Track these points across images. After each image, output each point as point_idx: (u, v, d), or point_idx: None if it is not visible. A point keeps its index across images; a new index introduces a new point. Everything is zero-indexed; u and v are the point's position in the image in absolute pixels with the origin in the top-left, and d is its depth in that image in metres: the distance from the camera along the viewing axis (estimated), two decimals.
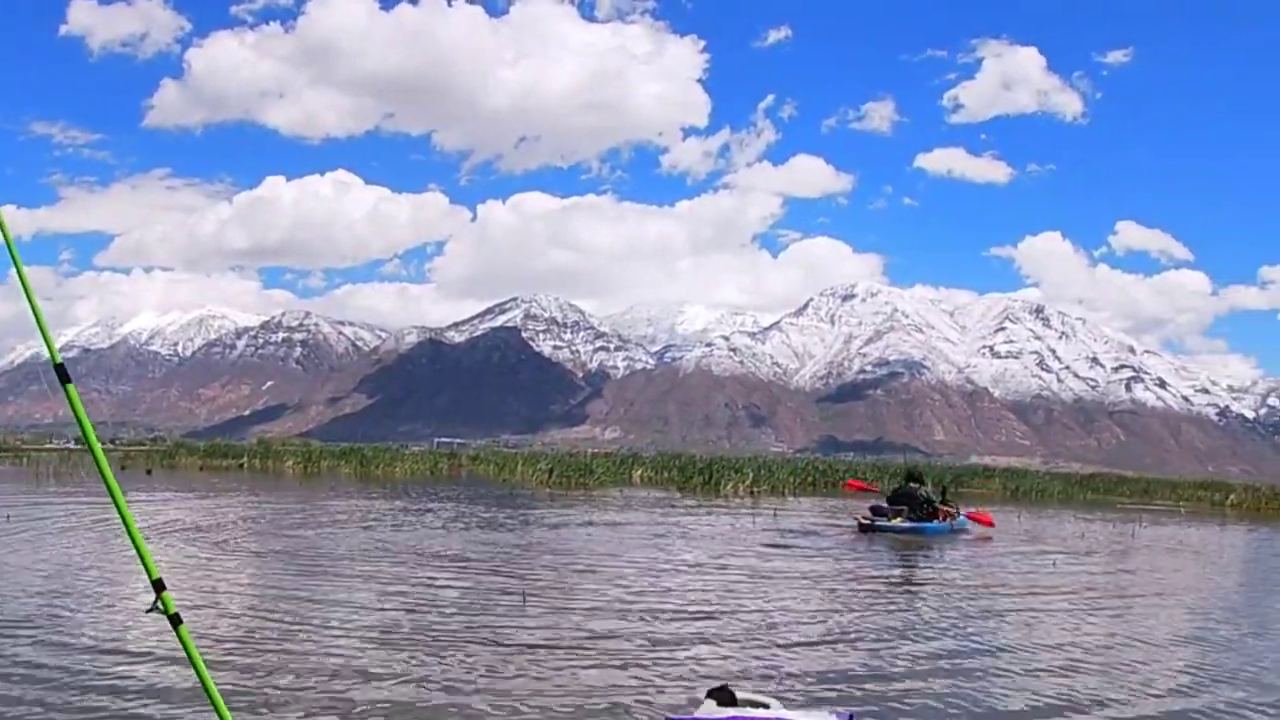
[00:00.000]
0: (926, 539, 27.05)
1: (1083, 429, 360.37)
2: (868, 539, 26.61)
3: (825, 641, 12.18)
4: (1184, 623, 15.80)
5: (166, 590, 5.15)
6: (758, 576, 17.61)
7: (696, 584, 16.41)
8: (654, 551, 20.63)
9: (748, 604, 14.68)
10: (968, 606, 15.44)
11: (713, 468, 50.83)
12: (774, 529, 27.46)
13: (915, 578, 19.77)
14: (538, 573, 16.91)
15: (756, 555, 20.85)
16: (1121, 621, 15.32)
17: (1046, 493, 59.25)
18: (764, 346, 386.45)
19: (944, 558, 23.36)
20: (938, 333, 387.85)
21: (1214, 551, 30.63)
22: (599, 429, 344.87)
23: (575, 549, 20.60)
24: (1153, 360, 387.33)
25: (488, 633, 11.73)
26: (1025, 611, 15.25)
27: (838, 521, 31.13)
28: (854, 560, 21.15)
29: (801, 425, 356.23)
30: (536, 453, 78.21)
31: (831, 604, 15.21)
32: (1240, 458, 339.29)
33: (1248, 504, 57.34)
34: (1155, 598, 18.55)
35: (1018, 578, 19.40)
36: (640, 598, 14.66)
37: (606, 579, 16.36)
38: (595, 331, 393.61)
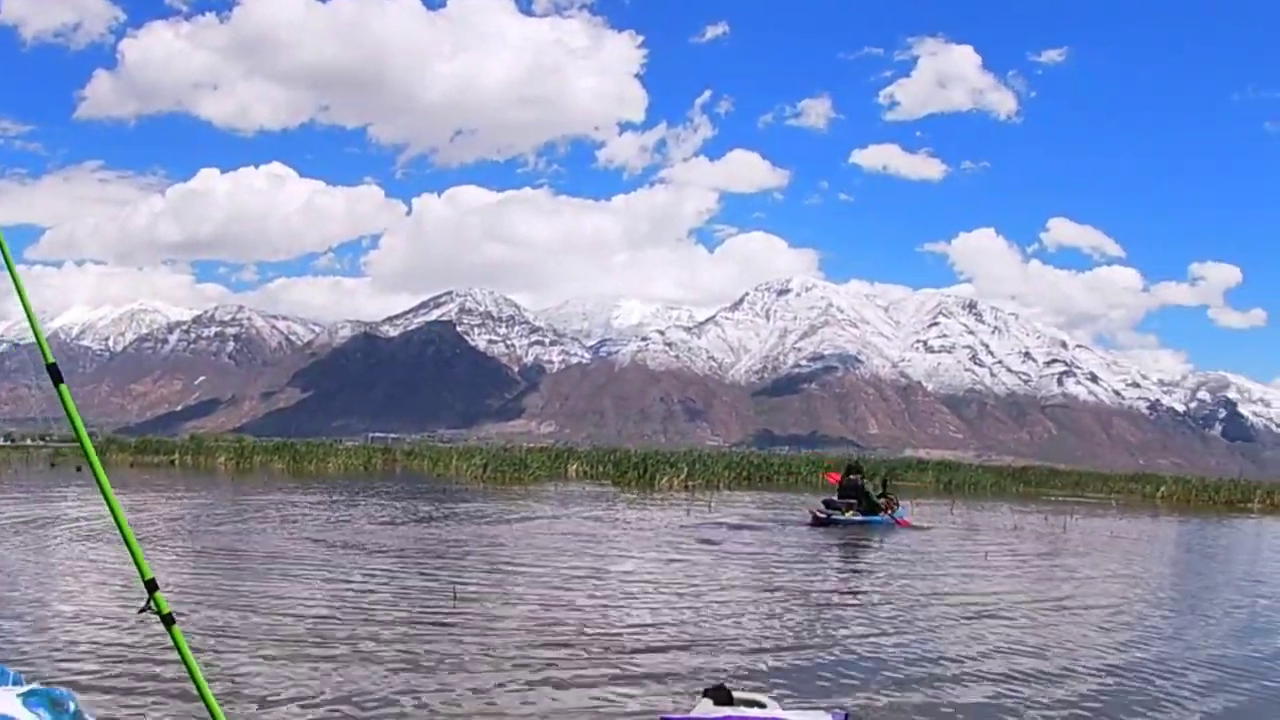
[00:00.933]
0: (874, 530, 27.81)
1: (1015, 422, 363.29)
2: (822, 531, 27.49)
3: (774, 635, 12.24)
4: (1116, 608, 16.06)
5: (159, 590, 5.14)
6: (696, 571, 17.65)
7: (634, 581, 16.38)
8: (589, 547, 20.60)
9: (684, 599, 14.68)
10: (922, 599, 15.57)
11: (647, 462, 50.89)
12: (711, 523, 27.54)
13: (868, 569, 19.94)
14: (470, 570, 16.84)
15: (695, 550, 20.88)
16: (1056, 605, 15.61)
17: (980, 486, 59.71)
18: (700, 341, 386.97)
19: (891, 549, 23.77)
20: (872, 327, 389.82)
21: (1145, 541, 31.09)
22: (534, 423, 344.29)
23: (509, 545, 20.53)
24: (1084, 355, 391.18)
25: (416, 635, 11.67)
26: (974, 599, 15.45)
27: (780, 516, 31.45)
28: (798, 552, 21.28)
29: (737, 419, 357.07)
30: (471, 448, 77.87)
31: (775, 598, 15.25)
32: (1171, 451, 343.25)
33: (1178, 496, 58.17)
34: (1088, 585, 18.85)
35: (958, 568, 19.64)
36: (576, 596, 14.62)
37: (539, 576, 16.31)
38: (530, 326, 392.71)
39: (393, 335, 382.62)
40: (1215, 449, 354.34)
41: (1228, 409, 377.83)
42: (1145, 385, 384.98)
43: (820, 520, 28.59)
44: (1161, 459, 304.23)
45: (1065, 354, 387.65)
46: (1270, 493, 60.26)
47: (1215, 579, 21.60)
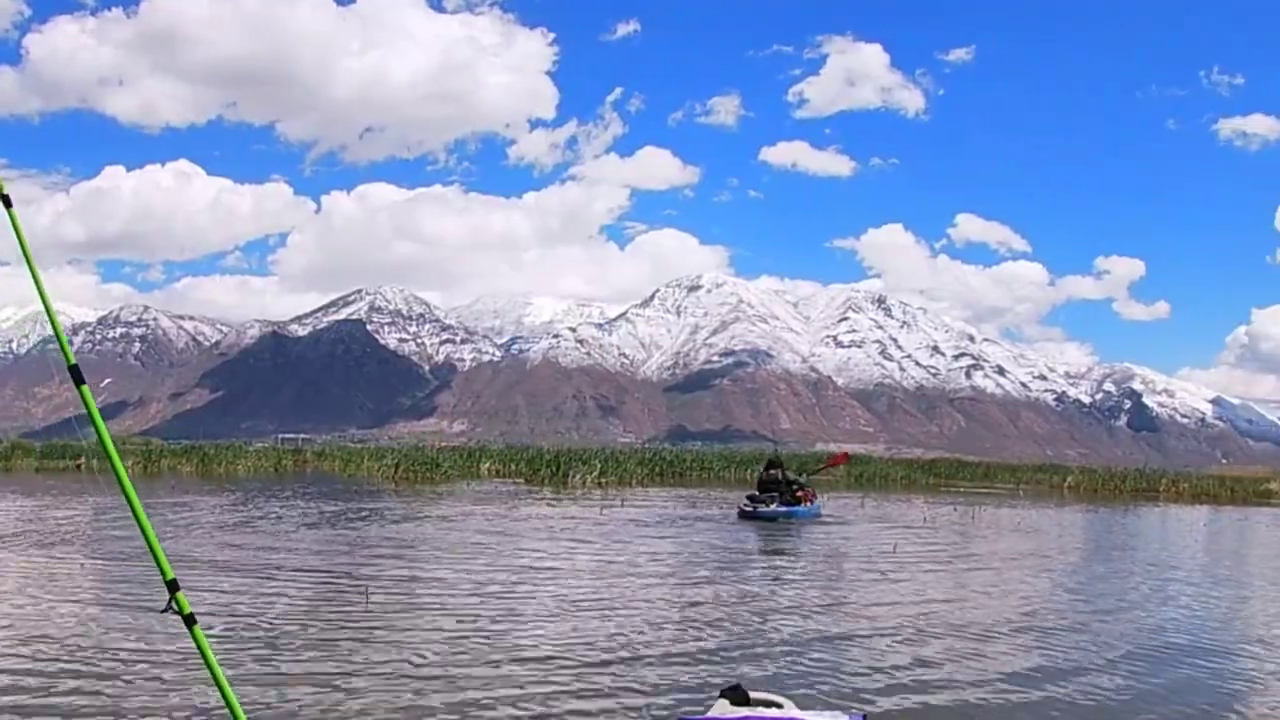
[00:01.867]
0: (797, 521, 28.69)
1: (925, 416, 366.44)
2: (749, 524, 28.24)
3: (696, 626, 12.28)
4: (1025, 589, 16.37)
5: (181, 591, 5.09)
6: (617, 571, 17.64)
7: (548, 580, 16.37)
8: (503, 546, 20.54)
9: (604, 601, 14.65)
10: (835, 591, 15.68)
11: (560, 460, 50.82)
12: (625, 520, 27.56)
13: (792, 561, 20.05)
14: (383, 572, 16.71)
15: (614, 547, 20.87)
16: (964, 591, 15.86)
17: (890, 478, 60.30)
18: (611, 338, 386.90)
19: (814, 540, 24.34)
20: (782, 323, 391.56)
21: (1052, 529, 31.64)
22: (446, 422, 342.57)
23: (421, 546, 20.40)
24: (992, 348, 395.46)
25: (327, 641, 11.56)
26: (884, 593, 15.56)
27: (700, 511, 31.58)
28: (720, 545, 21.33)
29: (649, 415, 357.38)
30: (383, 448, 77.32)
31: (701, 594, 15.28)
32: (1077, 441, 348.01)
33: (1084, 485, 59.07)
34: (997, 571, 19.22)
35: (867, 561, 19.79)
36: (490, 599, 14.55)
37: (453, 579, 16.21)
38: (441, 324, 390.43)
39: (301, 335, 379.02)
40: (1121, 439, 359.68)
41: (1133, 400, 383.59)
42: (1052, 378, 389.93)
43: (746, 514, 29.23)
44: (1068, 450, 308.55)
45: (973, 347, 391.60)
46: (1175, 481, 61.52)
47: (1125, 564, 21.91)
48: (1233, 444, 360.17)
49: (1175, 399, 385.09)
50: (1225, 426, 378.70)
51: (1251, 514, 45.70)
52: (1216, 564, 24.33)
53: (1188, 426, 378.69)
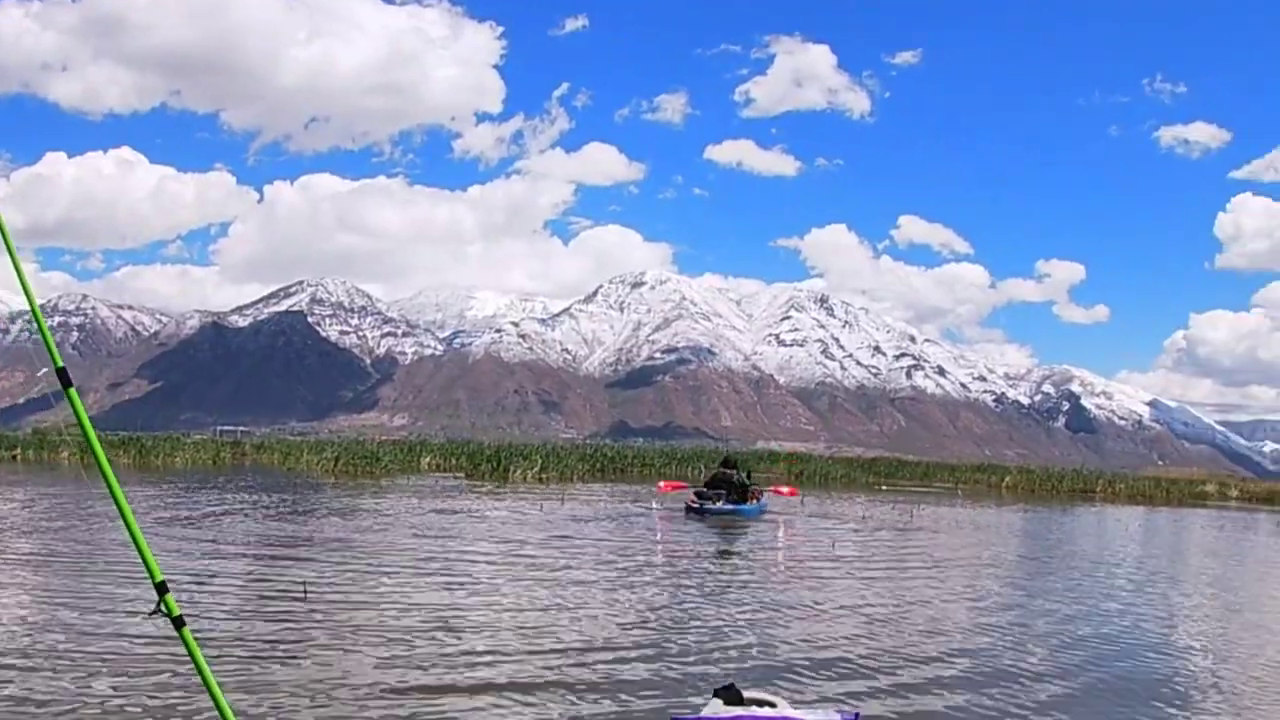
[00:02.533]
0: (743, 519, 29.07)
1: (865, 415, 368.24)
2: (696, 520, 28.68)
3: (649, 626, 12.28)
4: (965, 586, 16.56)
5: (169, 593, 5.05)
6: (555, 567, 17.62)
7: (487, 577, 16.32)
8: (443, 541, 20.46)
9: (547, 595, 14.65)
10: (772, 585, 15.74)
11: (501, 455, 50.61)
12: (567, 516, 27.54)
13: (737, 558, 20.08)
14: (321, 567, 16.62)
15: (555, 545, 20.84)
16: (898, 588, 16.00)
17: (830, 476, 60.47)
18: (554, 333, 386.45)
19: (760, 537, 24.91)
20: (725, 321, 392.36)
21: (990, 528, 32.02)
22: (387, 416, 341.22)
23: (359, 541, 20.30)
24: (933, 349, 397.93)
25: (264, 637, 11.50)
26: (847, 579, 15.64)
27: (646, 507, 31.60)
28: (667, 542, 21.35)
29: (591, 411, 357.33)
30: (323, 441, 76.69)
31: (636, 591, 15.28)
32: (1016, 442, 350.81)
33: (1022, 485, 59.58)
34: (934, 566, 19.41)
35: (823, 554, 19.89)
36: (428, 592, 14.53)
37: (390, 574, 16.16)
38: (383, 317, 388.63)
39: (242, 326, 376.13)
40: (1059, 440, 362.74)
41: (1071, 402, 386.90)
42: (991, 379, 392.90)
43: (694, 510, 29.61)
44: (1007, 450, 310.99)
45: (914, 348, 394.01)
46: (1111, 482, 62.21)
47: (1062, 562, 22.15)
48: (1169, 446, 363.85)
49: (1113, 401, 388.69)
50: (1162, 429, 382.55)
51: (1186, 515, 46.24)
52: (1151, 563, 24.76)
53: (1125, 428, 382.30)
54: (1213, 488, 72.69)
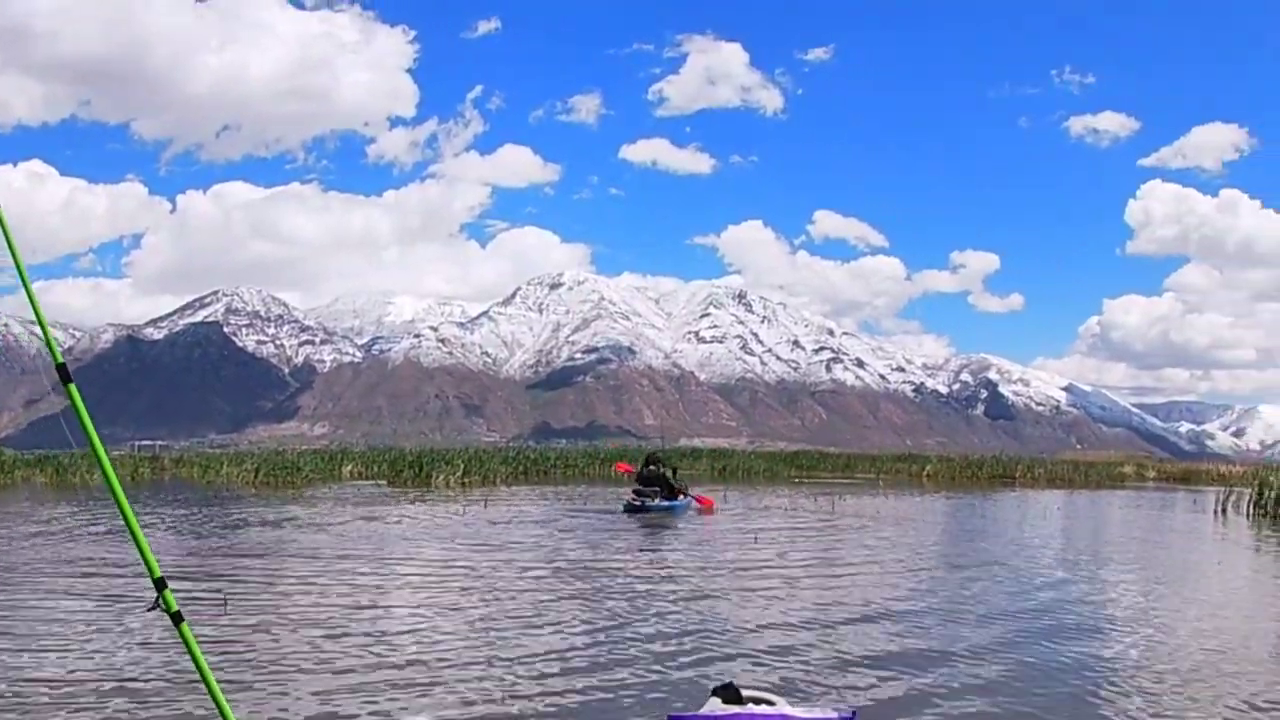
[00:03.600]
0: (675, 516, 29.77)
1: (786, 409, 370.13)
2: (633, 517, 29.45)
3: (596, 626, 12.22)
4: (888, 572, 16.71)
5: (168, 589, 4.97)
6: (478, 571, 17.52)
7: (408, 584, 16.21)
8: (363, 549, 20.30)
9: (472, 601, 14.56)
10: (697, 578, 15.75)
11: (423, 460, 50.37)
12: (491, 519, 27.44)
13: (674, 553, 20.07)
14: (242, 579, 16.42)
15: (476, 547, 20.74)
16: (823, 578, 16.06)
17: (753, 471, 60.74)
18: (473, 336, 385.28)
19: (691, 533, 25.02)
20: (644, 319, 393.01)
21: (912, 516, 32.43)
22: (307, 425, 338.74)
23: (280, 551, 20.09)
24: (851, 342, 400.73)
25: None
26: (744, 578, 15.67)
27: (562, 508, 31.62)
28: (594, 541, 21.31)
29: (513, 414, 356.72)
30: (243, 452, 75.96)
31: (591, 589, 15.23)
32: (935, 431, 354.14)
33: (943, 474, 60.15)
34: (859, 556, 19.56)
35: (755, 546, 19.94)
36: (352, 602, 14.39)
37: (313, 583, 16.00)
38: (300, 325, 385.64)
39: (157, 338, 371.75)
40: (978, 428, 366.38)
41: (989, 389, 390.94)
42: (910, 369, 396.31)
43: (635, 508, 30.27)
44: (927, 439, 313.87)
45: (833, 341, 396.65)
46: (1030, 467, 63.01)
47: (985, 545, 22.38)
48: (1086, 430, 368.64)
49: (1030, 388, 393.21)
50: (1079, 413, 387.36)
51: (1105, 496, 46.88)
52: (1073, 543, 25.27)
53: (1043, 414, 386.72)
54: (1130, 469, 73.75)
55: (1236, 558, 23.89)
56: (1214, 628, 13.52)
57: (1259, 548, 26.25)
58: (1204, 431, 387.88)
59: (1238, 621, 14.34)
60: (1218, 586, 18.01)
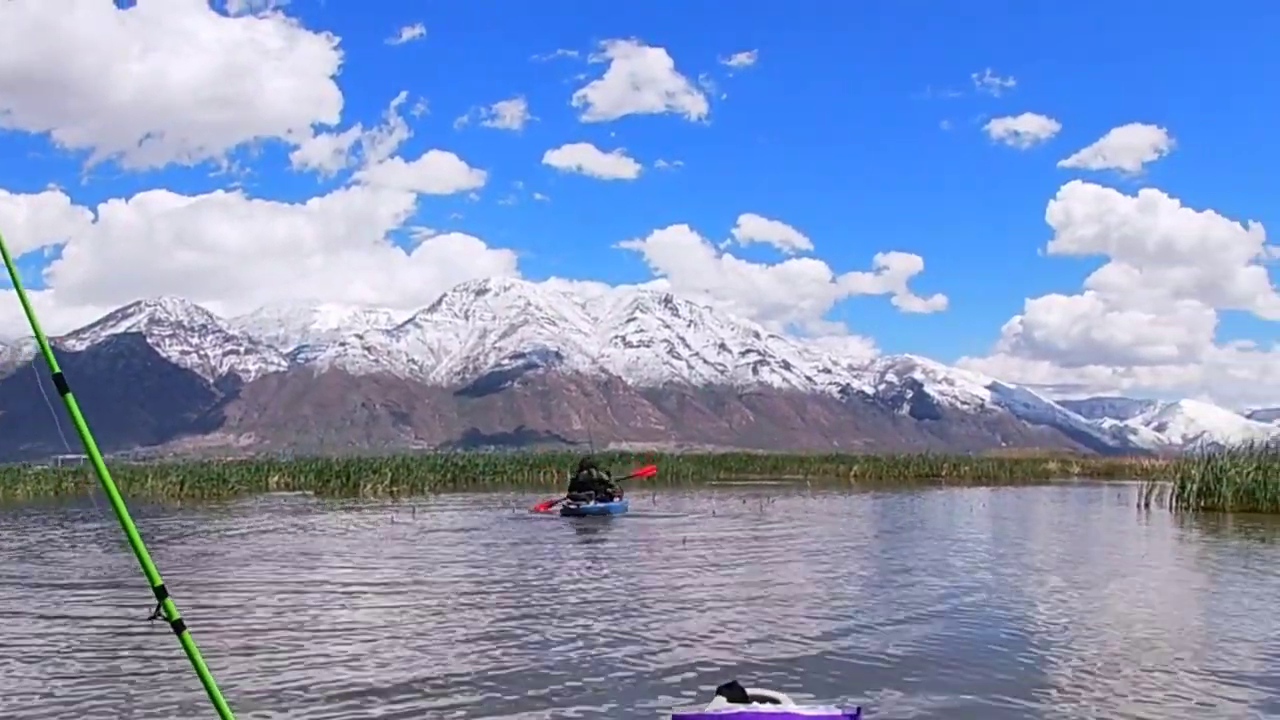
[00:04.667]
0: (613, 517, 30.52)
1: (714, 412, 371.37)
2: (568, 521, 29.85)
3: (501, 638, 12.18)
4: (815, 568, 16.73)
5: (169, 597, 4.93)
6: (411, 581, 17.46)
7: (338, 596, 16.11)
8: (291, 560, 20.14)
9: (405, 613, 14.48)
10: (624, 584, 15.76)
11: (350, 469, 50.13)
12: (421, 527, 27.34)
13: (610, 555, 20.07)
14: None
15: (407, 556, 20.67)
16: (753, 576, 16.16)
17: (681, 474, 60.86)
18: (399, 344, 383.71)
19: (622, 536, 24.99)
20: (571, 324, 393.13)
21: (840, 514, 32.74)
22: (233, 436, 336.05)
23: (206, 564, 19.93)
24: (777, 344, 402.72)
25: (104, 670, 11.20)
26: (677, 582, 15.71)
27: (492, 514, 31.60)
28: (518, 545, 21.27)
29: (441, 421, 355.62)
30: (167, 465, 75.02)
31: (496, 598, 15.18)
32: (862, 431, 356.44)
33: (870, 473, 60.66)
34: (788, 554, 19.73)
35: (690, 546, 19.99)
36: (280, 615, 14.27)
37: (241, 597, 15.86)
38: (224, 334, 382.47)
39: (79, 350, 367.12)
40: (904, 427, 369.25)
41: (914, 389, 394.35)
42: (836, 370, 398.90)
43: (571, 511, 30.98)
44: (854, 439, 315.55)
45: (759, 344, 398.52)
46: (956, 465, 63.75)
47: (912, 543, 22.55)
48: (1011, 427, 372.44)
49: (955, 387, 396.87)
50: (1004, 411, 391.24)
51: (1030, 493, 47.44)
52: (999, 538, 25.70)
53: (968, 412, 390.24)
54: (1055, 465, 74.62)
55: (1160, 550, 24.21)
56: (1139, 618, 13.71)
57: (1182, 539, 26.62)
58: (1127, 427, 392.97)
59: (1162, 611, 14.54)
60: (1142, 578, 18.23)
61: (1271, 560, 20.79)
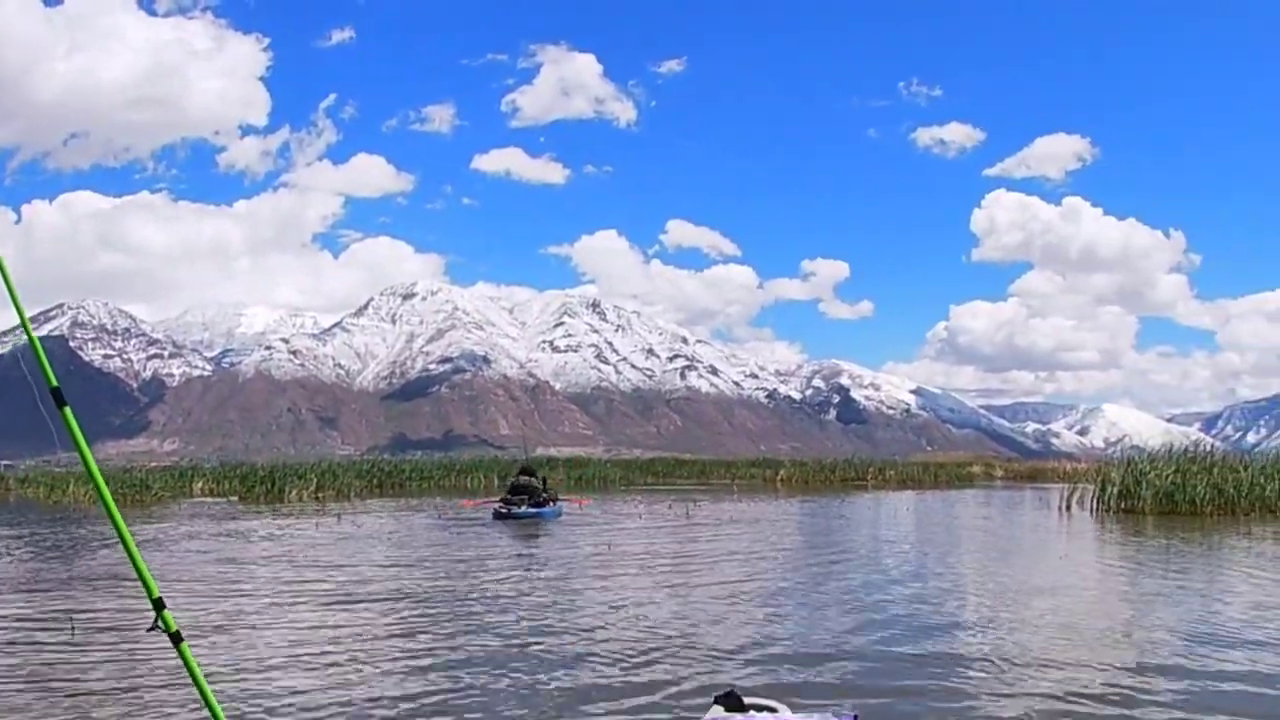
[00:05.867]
0: (545, 522, 30.93)
1: (642, 417, 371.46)
2: (501, 524, 30.39)
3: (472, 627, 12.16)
4: (741, 572, 16.85)
5: (167, 609, 4.88)
6: (334, 588, 17.40)
7: (262, 604, 16.02)
8: (214, 567, 20.06)
9: (326, 621, 14.44)
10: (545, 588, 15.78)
11: (275, 475, 49.82)
12: (344, 533, 27.24)
13: (535, 558, 20.07)
14: (90, 604, 16.09)
15: (333, 562, 20.60)
16: (679, 579, 16.23)
17: (609, 479, 61.08)
18: (326, 348, 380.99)
19: (565, 536, 25.53)
20: (499, 329, 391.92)
21: (766, 518, 33.32)
22: (157, 441, 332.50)
23: (126, 569, 19.74)
24: (705, 349, 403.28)
25: (27, 668, 11.10)
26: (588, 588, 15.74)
27: (417, 520, 31.55)
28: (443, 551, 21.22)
29: (368, 426, 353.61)
30: None
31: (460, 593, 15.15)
32: (789, 436, 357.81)
33: (796, 478, 61.06)
34: (714, 557, 19.76)
35: (609, 549, 20.03)
36: (204, 623, 14.19)
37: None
38: (148, 338, 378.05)
39: (0, 354, 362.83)
40: (831, 432, 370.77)
41: (841, 394, 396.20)
42: (763, 376, 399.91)
43: (501, 514, 31.64)
44: (781, 444, 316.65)
45: (687, 349, 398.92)
46: (882, 469, 64.30)
47: (837, 546, 22.70)
48: (936, 432, 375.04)
49: (881, 392, 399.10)
50: (929, 416, 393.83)
51: (954, 496, 47.98)
52: (922, 540, 25.91)
53: (894, 417, 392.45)
54: (979, 469, 75.54)
55: (1079, 551, 24.54)
56: (1057, 620, 13.91)
57: (1101, 539, 27.01)
58: (1050, 431, 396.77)
59: (1080, 612, 14.73)
60: (1060, 580, 18.44)
61: (1189, 559, 21.17)
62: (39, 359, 4.83)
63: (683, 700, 9.37)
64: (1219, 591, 16.73)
